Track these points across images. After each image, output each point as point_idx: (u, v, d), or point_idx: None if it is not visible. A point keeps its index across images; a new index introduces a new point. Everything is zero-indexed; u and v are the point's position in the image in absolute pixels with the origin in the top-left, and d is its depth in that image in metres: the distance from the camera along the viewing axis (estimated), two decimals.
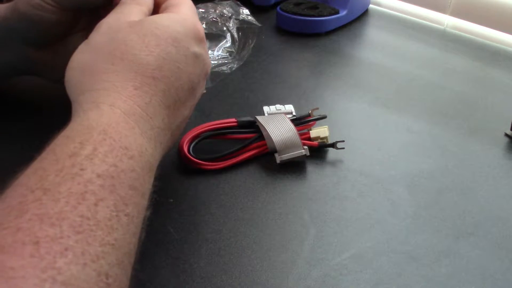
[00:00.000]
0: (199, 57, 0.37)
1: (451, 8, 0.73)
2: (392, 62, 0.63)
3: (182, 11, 0.38)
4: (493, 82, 0.59)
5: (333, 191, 0.43)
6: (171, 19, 0.37)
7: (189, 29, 0.37)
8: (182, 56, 0.35)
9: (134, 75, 0.33)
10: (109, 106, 0.31)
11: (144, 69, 0.34)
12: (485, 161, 0.46)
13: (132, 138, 0.31)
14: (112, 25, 0.36)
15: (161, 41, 0.35)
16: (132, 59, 0.34)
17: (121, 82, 0.33)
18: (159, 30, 0.35)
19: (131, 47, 0.34)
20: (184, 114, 0.37)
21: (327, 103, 0.54)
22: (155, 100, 0.33)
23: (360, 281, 0.35)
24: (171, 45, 0.35)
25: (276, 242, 0.38)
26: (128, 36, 0.35)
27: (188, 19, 0.37)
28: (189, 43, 0.36)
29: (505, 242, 0.38)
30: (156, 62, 0.34)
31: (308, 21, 0.67)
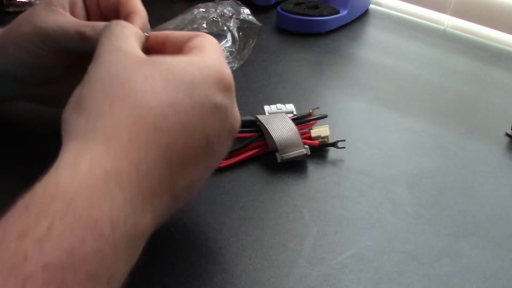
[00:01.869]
0: (221, 109, 0.31)
1: (451, 8, 0.73)
2: (392, 62, 0.63)
3: (207, 53, 0.32)
4: (493, 82, 0.59)
5: (333, 190, 0.43)
6: (189, 62, 0.31)
7: (211, 74, 0.31)
8: (198, 105, 0.30)
9: (132, 122, 0.27)
10: (89, 164, 0.26)
11: (145, 116, 0.28)
12: (486, 160, 0.46)
13: (106, 207, 0.25)
14: (114, 59, 0.30)
15: (170, 86, 0.29)
16: (133, 103, 0.28)
17: (115, 130, 0.27)
18: (171, 72, 0.30)
19: (135, 89, 0.29)
20: (195, 175, 0.31)
21: (328, 103, 0.54)
22: (153, 155, 0.28)
23: (361, 280, 0.35)
24: (183, 92, 0.29)
25: (277, 241, 0.38)
26: (134, 76, 0.29)
27: (212, 63, 0.31)
28: (209, 91, 0.30)
29: (506, 242, 0.38)
30: (160, 110, 0.28)
31: (308, 21, 0.68)
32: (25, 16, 0.40)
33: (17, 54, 0.39)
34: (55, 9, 0.39)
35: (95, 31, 0.37)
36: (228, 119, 0.32)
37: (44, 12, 0.39)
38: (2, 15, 0.70)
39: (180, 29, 0.59)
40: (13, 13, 0.70)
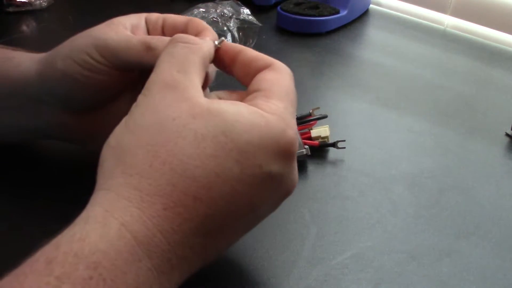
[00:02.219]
0: (276, 178, 0.28)
1: (451, 8, 0.73)
2: (392, 62, 0.63)
3: (274, 107, 0.29)
4: (493, 82, 0.59)
5: (334, 190, 0.43)
6: (249, 122, 0.27)
7: (271, 141, 0.27)
8: (248, 176, 0.27)
9: (171, 190, 0.25)
10: (120, 225, 0.24)
11: (186, 185, 0.26)
12: (486, 160, 0.46)
13: (132, 275, 0.24)
14: (167, 100, 0.27)
15: (221, 152, 0.26)
16: (176, 167, 0.26)
17: (151, 195, 0.25)
18: (226, 135, 0.27)
19: (181, 149, 0.26)
20: (231, 241, 0.30)
21: (328, 103, 0.54)
22: (188, 226, 0.26)
23: (361, 280, 0.35)
24: (234, 160, 0.26)
25: (277, 242, 0.38)
26: (183, 131, 0.26)
27: (276, 125, 0.28)
28: (265, 160, 0.27)
29: (506, 242, 0.38)
30: (205, 179, 0.26)
31: (308, 21, 0.67)
32: (82, 33, 0.37)
33: (67, 69, 0.35)
34: (118, 27, 0.36)
35: (162, 41, 0.34)
36: (281, 187, 0.29)
37: (105, 28, 0.36)
38: (2, 15, 0.70)
39: None
40: (13, 13, 0.70)
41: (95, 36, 0.35)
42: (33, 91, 0.37)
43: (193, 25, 0.36)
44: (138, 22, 0.38)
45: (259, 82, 0.31)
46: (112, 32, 0.35)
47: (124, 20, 0.37)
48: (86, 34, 0.36)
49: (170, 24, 0.38)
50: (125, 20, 0.37)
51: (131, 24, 0.37)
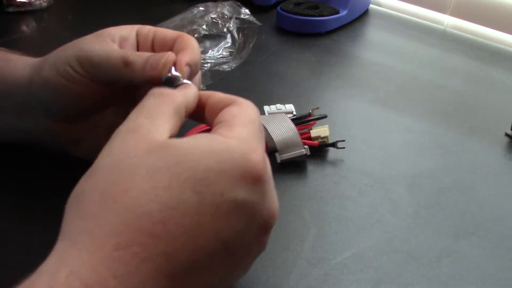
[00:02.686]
0: (245, 207, 0.26)
1: (451, 8, 0.73)
2: (392, 62, 0.63)
3: (235, 133, 0.27)
4: (493, 82, 0.59)
5: (333, 190, 0.43)
6: (209, 150, 0.26)
7: (232, 166, 0.26)
8: (209, 206, 0.25)
9: (124, 229, 0.24)
10: (68, 273, 0.23)
11: (138, 221, 0.24)
12: (486, 160, 0.46)
13: None
14: (126, 143, 0.26)
15: (175, 183, 0.25)
16: (127, 204, 0.24)
17: (102, 236, 0.24)
18: (182, 165, 0.25)
19: (135, 186, 0.24)
20: (213, 280, 0.27)
21: (328, 103, 0.54)
22: (147, 267, 0.24)
23: (361, 280, 0.35)
24: (191, 190, 0.25)
25: (277, 242, 0.38)
26: (138, 168, 0.25)
27: (237, 148, 0.26)
28: (227, 187, 0.25)
29: (506, 242, 0.38)
30: (160, 213, 0.24)
31: (308, 21, 0.67)
32: (71, 42, 0.37)
33: (50, 77, 0.36)
34: (104, 40, 0.36)
35: (140, 57, 0.34)
36: (256, 217, 0.27)
37: (92, 39, 0.36)
38: (2, 15, 0.70)
39: (179, 28, 0.59)
40: (13, 13, 0.70)
41: (79, 48, 0.36)
42: (22, 94, 0.38)
43: (180, 42, 0.36)
44: (128, 34, 0.38)
45: (221, 116, 0.30)
46: (97, 44, 0.36)
47: (114, 32, 0.37)
48: (72, 44, 0.37)
49: (160, 39, 0.37)
50: (115, 32, 0.37)
51: (120, 36, 0.37)
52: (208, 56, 0.58)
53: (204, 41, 0.59)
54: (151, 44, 0.38)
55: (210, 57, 0.58)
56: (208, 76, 0.56)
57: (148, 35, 0.38)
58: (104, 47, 0.35)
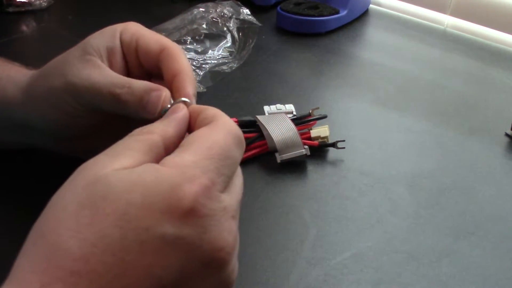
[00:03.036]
0: (180, 243, 0.24)
1: (451, 8, 0.73)
2: (392, 62, 0.63)
3: (178, 161, 0.25)
4: (493, 82, 0.59)
5: (333, 190, 0.43)
6: (136, 179, 0.24)
7: (158, 198, 0.24)
8: (134, 242, 0.23)
9: (47, 265, 0.23)
10: None
11: (60, 259, 0.23)
12: (486, 160, 0.46)
13: None
14: (72, 180, 0.25)
15: (97, 219, 0.23)
16: (51, 241, 0.23)
17: (30, 273, 0.23)
18: (106, 198, 0.24)
19: (61, 223, 0.24)
20: None
21: (328, 103, 0.54)
22: None
23: (361, 280, 0.35)
24: (112, 226, 0.23)
25: (277, 242, 0.38)
26: (68, 205, 0.24)
27: (168, 179, 0.24)
28: (153, 222, 0.23)
29: (506, 242, 0.38)
30: (80, 250, 0.23)
31: (308, 21, 0.67)
32: (57, 65, 0.36)
33: (44, 109, 0.35)
34: (91, 60, 0.35)
35: (132, 95, 0.33)
36: (195, 253, 0.24)
37: (78, 63, 0.35)
38: (2, 15, 0.70)
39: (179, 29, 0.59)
40: (13, 13, 0.70)
41: (67, 79, 0.34)
42: (18, 117, 0.38)
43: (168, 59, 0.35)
44: (113, 45, 0.36)
45: (186, 138, 0.28)
46: (85, 72, 0.34)
47: (99, 44, 0.36)
48: (60, 70, 0.35)
49: (143, 50, 0.36)
50: (100, 44, 0.36)
51: (106, 48, 0.36)
52: (208, 56, 0.58)
53: (204, 40, 0.59)
54: (135, 53, 0.37)
55: (210, 57, 0.58)
56: (208, 77, 0.56)
57: (131, 43, 0.36)
58: (93, 76, 0.34)
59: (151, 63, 0.36)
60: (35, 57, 0.41)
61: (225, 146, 0.27)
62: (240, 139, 0.29)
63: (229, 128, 0.28)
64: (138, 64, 0.37)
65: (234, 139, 0.28)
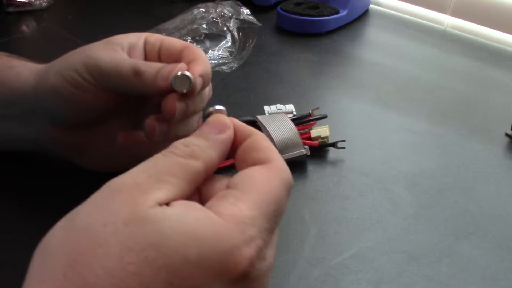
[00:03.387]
0: None
1: (451, 8, 0.73)
2: (392, 62, 0.63)
3: (237, 213, 0.23)
4: (493, 82, 0.59)
5: (333, 190, 0.43)
6: (192, 231, 0.22)
7: (215, 259, 0.22)
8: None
9: None
10: None
11: None
12: (486, 160, 0.46)
13: None
14: (107, 206, 0.23)
15: (147, 270, 0.21)
16: (89, 282, 0.21)
17: None
18: (156, 250, 0.21)
19: (100, 262, 0.21)
20: None
21: (328, 103, 0.54)
22: None
23: (361, 280, 0.35)
24: (163, 281, 0.21)
25: (277, 242, 0.38)
26: (109, 240, 0.21)
27: (227, 238, 0.22)
28: (205, 282, 0.22)
29: (506, 242, 0.38)
30: None
31: (308, 21, 0.67)
32: (78, 49, 0.36)
33: (56, 84, 0.35)
34: (114, 47, 0.36)
35: (151, 67, 0.33)
36: None
37: (101, 46, 0.36)
38: (2, 15, 0.70)
39: (179, 29, 0.59)
40: (13, 13, 0.70)
41: (88, 55, 0.35)
42: (28, 102, 0.37)
43: (188, 53, 0.35)
44: (136, 42, 0.37)
45: (240, 177, 0.25)
46: (106, 52, 0.35)
47: (122, 40, 0.37)
48: (80, 50, 0.36)
49: (167, 48, 0.37)
50: (124, 40, 0.37)
51: (129, 43, 0.37)
52: (208, 56, 0.58)
53: (204, 40, 0.59)
54: (158, 53, 0.37)
55: (210, 57, 0.58)
56: None
57: (155, 44, 0.37)
58: (114, 55, 0.35)
59: (172, 59, 0.36)
60: (35, 57, 0.41)
61: (282, 200, 0.25)
62: (291, 187, 0.26)
63: (285, 176, 0.26)
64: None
65: (288, 191, 0.26)
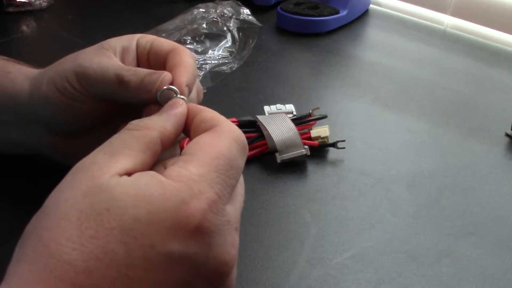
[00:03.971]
0: (184, 259, 0.24)
1: (451, 8, 0.73)
2: (392, 62, 0.63)
3: (184, 173, 0.25)
4: (493, 82, 0.59)
5: (333, 190, 0.43)
6: (142, 193, 0.24)
7: (165, 215, 0.23)
8: (139, 259, 0.23)
9: (48, 276, 0.22)
10: None
11: (62, 270, 0.22)
12: (486, 160, 0.46)
13: None
14: (69, 183, 0.25)
15: (102, 232, 0.23)
16: (53, 251, 0.22)
17: (30, 282, 0.22)
18: (111, 212, 0.23)
19: (62, 232, 0.23)
20: None
21: (328, 103, 0.54)
22: None
23: (361, 280, 0.35)
24: (117, 241, 0.23)
25: (277, 242, 0.38)
26: (70, 212, 0.23)
27: (175, 195, 0.24)
28: (159, 239, 0.23)
29: (506, 242, 0.38)
30: (83, 263, 0.22)
31: (308, 21, 0.67)
32: (71, 55, 0.36)
33: (49, 93, 0.35)
34: (105, 52, 0.35)
35: (135, 76, 0.33)
36: (200, 269, 0.24)
37: (92, 52, 0.35)
38: (2, 15, 0.70)
39: (180, 29, 0.59)
40: (13, 13, 0.70)
41: (78, 62, 0.35)
42: (23, 109, 0.37)
43: (173, 56, 0.35)
44: (129, 44, 0.37)
45: (189, 145, 0.27)
46: (95, 58, 0.35)
47: (115, 43, 0.36)
48: (72, 57, 0.36)
49: (155, 50, 0.36)
50: (116, 43, 0.36)
51: (122, 47, 0.37)
52: (208, 56, 0.58)
53: (204, 40, 0.59)
54: (147, 56, 0.37)
55: (210, 57, 0.58)
56: (208, 77, 0.56)
57: (146, 46, 0.37)
58: (102, 62, 0.34)
59: (160, 62, 0.36)
60: (35, 57, 0.41)
61: (231, 155, 0.26)
62: (244, 146, 0.28)
63: (233, 135, 0.27)
64: (148, 67, 0.37)
65: (239, 147, 0.27)
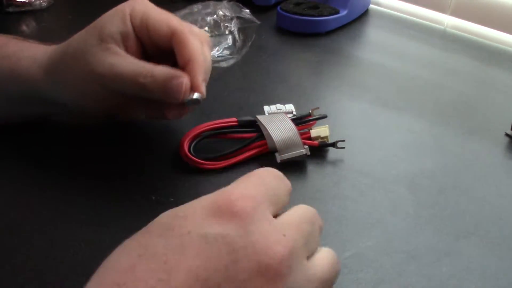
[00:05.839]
0: (219, 240, 0.23)
1: (451, 8, 0.73)
2: (392, 62, 0.63)
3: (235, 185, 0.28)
4: (493, 82, 0.59)
5: (333, 190, 0.43)
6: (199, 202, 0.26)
7: (204, 204, 0.25)
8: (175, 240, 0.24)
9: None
10: None
11: (107, 271, 0.23)
12: (486, 160, 0.46)
13: None
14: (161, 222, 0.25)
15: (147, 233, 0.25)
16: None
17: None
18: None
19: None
20: None
21: (328, 103, 0.54)
22: None
23: (361, 280, 0.35)
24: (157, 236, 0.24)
25: None
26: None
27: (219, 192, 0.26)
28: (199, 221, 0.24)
29: (506, 242, 0.38)
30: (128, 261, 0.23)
31: (308, 21, 0.68)
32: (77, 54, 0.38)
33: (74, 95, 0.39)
34: (110, 48, 0.37)
35: (155, 83, 0.36)
36: (239, 254, 0.23)
37: (98, 52, 0.37)
38: (2, 15, 0.70)
39: None
40: (13, 13, 0.70)
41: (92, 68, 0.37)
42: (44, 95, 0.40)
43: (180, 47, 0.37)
44: (125, 29, 0.38)
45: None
46: (107, 61, 0.37)
47: (112, 31, 0.37)
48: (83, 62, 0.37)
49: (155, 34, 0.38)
50: (113, 30, 0.37)
51: (120, 34, 0.38)
52: None
53: None
54: (148, 36, 0.39)
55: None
56: None
57: (141, 27, 0.38)
58: (115, 64, 0.37)
59: (164, 44, 0.38)
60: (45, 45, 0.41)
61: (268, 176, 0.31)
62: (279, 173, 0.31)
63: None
64: (152, 43, 0.39)
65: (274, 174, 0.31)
